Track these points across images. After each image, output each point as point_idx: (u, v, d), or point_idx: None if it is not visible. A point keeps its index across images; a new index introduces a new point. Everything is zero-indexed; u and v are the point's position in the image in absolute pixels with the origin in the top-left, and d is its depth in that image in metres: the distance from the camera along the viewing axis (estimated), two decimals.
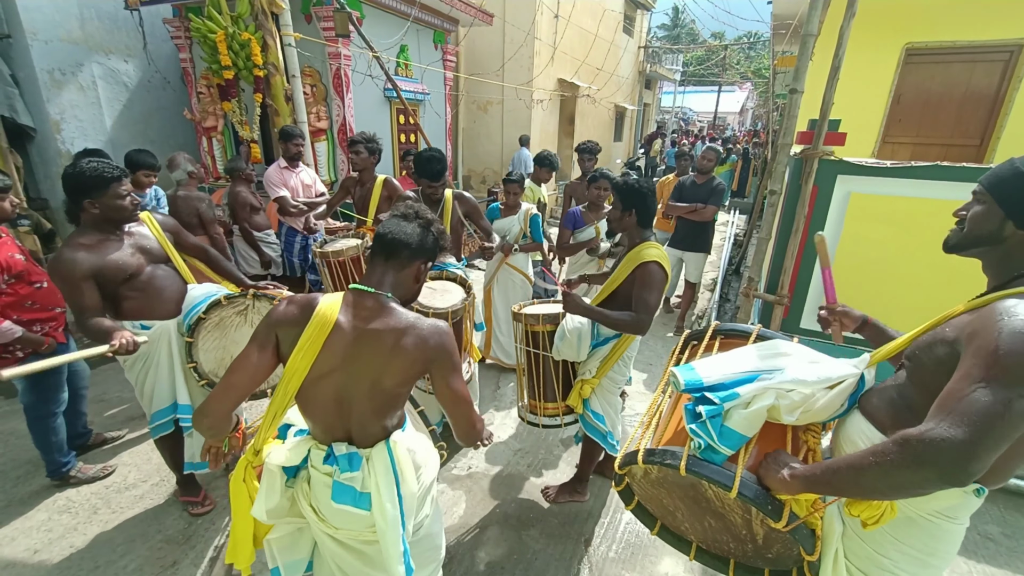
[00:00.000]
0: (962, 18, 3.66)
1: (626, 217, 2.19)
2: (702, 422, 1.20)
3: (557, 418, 2.44)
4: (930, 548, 1.13)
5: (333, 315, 1.26)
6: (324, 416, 1.34)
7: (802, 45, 2.76)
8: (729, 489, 1.14)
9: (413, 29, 6.24)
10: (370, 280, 1.32)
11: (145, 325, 2.13)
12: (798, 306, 3.11)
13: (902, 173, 2.71)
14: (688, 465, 1.20)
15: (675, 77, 21.42)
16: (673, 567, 2.27)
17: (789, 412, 1.19)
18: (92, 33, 5.53)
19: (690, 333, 1.73)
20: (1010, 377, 0.89)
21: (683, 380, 1.27)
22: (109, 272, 2.00)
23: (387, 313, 1.29)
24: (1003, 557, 2.36)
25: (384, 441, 1.36)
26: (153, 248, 2.17)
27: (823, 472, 1.06)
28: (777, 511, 1.13)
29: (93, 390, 3.19)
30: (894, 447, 0.94)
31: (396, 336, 1.26)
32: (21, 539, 2.31)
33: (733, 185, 11.65)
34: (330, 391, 1.29)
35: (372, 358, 1.27)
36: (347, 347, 1.26)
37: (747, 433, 1.20)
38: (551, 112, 9.70)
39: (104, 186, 1.95)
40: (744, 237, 7.36)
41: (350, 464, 1.32)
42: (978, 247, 1.13)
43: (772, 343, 1.37)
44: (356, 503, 1.32)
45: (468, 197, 3.02)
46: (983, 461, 0.89)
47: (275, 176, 3.93)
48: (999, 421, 0.88)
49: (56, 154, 5.45)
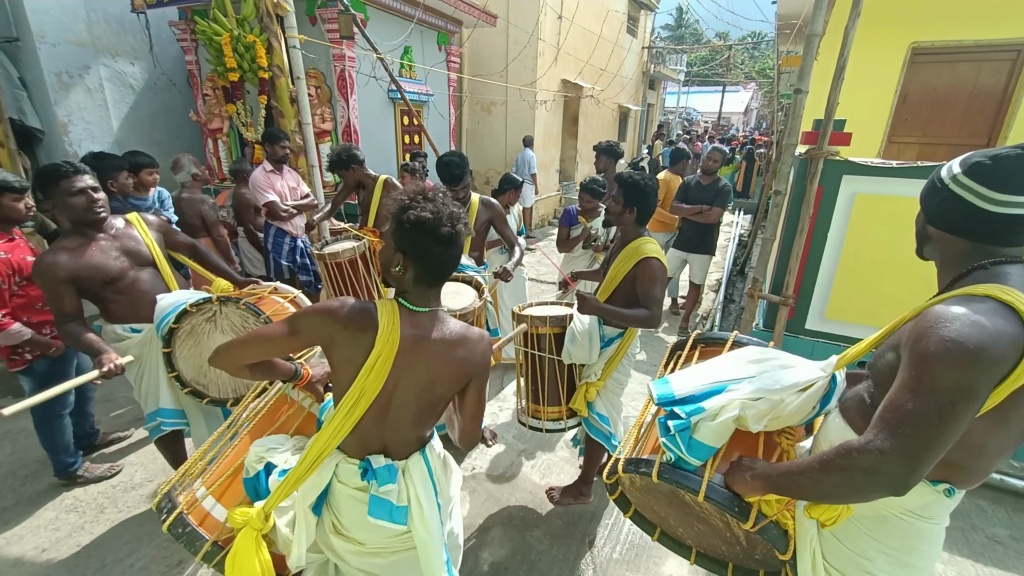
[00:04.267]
0: (968, 17, 3.63)
1: (626, 213, 2.21)
2: (672, 436, 1.24)
3: (560, 422, 2.42)
4: (907, 547, 1.12)
5: (397, 331, 1.21)
6: (367, 427, 1.28)
7: (807, 45, 2.75)
8: (697, 493, 1.19)
9: (417, 30, 6.26)
10: (420, 300, 1.27)
11: (135, 328, 2.13)
12: (803, 307, 3.10)
13: (908, 173, 2.69)
14: (660, 472, 1.25)
15: (679, 77, 21.34)
16: (677, 569, 2.27)
17: (756, 421, 1.22)
18: (99, 36, 5.57)
19: (675, 343, 1.77)
20: (939, 384, 0.91)
21: (656, 394, 1.32)
22: (88, 275, 1.98)
23: (442, 323, 1.28)
24: (1011, 560, 2.34)
25: (420, 451, 1.35)
26: (139, 251, 2.16)
27: (778, 474, 1.10)
28: (744, 512, 1.16)
29: (100, 391, 3.22)
30: (837, 456, 0.98)
31: (450, 346, 1.27)
32: (29, 537, 2.33)
33: (737, 186, 11.63)
34: (381, 403, 1.25)
35: (426, 368, 1.26)
36: (406, 359, 1.23)
37: (715, 444, 1.24)
38: (555, 113, 9.69)
39: (53, 184, 1.92)
40: (749, 238, 7.33)
41: (389, 476, 1.28)
42: (921, 247, 1.21)
43: (745, 351, 1.39)
44: (392, 518, 1.27)
45: (494, 204, 2.98)
46: (919, 471, 0.91)
47: (262, 180, 3.87)
48: (932, 430, 0.90)
49: (64, 156, 5.48)
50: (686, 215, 4.52)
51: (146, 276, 2.16)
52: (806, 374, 1.24)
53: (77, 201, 1.96)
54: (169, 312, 1.99)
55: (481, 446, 3.09)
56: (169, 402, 2.18)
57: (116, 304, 2.10)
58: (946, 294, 1.05)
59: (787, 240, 2.99)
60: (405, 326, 1.23)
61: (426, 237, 1.18)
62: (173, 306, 2.01)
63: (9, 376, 2.83)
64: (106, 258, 2.04)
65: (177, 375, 2.08)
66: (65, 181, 1.93)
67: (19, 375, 2.40)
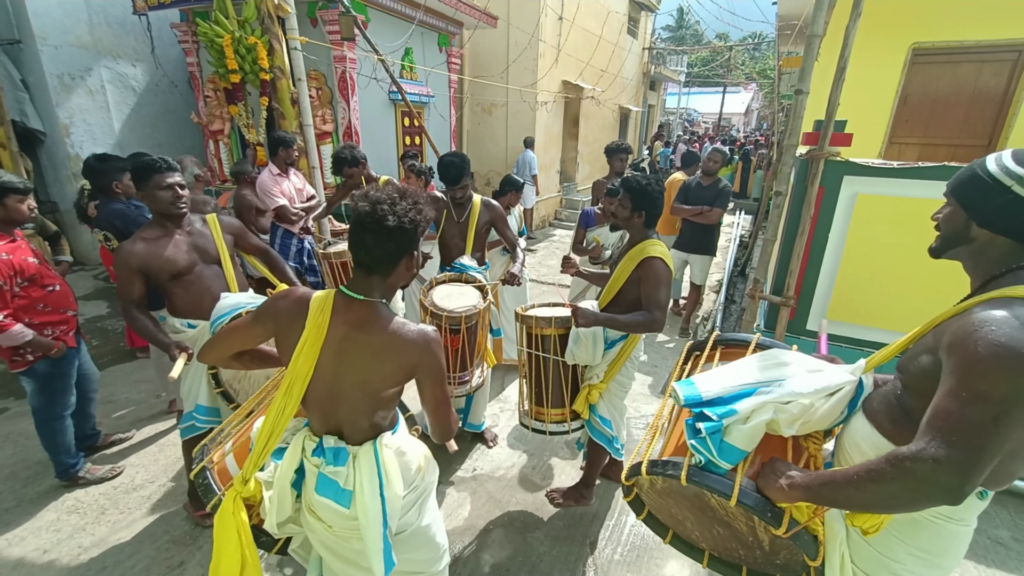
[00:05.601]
0: (969, 18, 3.63)
1: (634, 217, 2.19)
2: (702, 438, 1.21)
3: (564, 424, 2.40)
4: (938, 549, 1.12)
5: (326, 319, 1.27)
6: (319, 407, 1.36)
7: (807, 46, 2.75)
8: (729, 498, 1.15)
9: (418, 32, 6.27)
10: (357, 286, 1.30)
11: (191, 324, 2.18)
12: (804, 308, 3.10)
13: (909, 174, 2.69)
14: (689, 475, 1.21)
15: (680, 78, 21.35)
16: (678, 570, 2.26)
17: (788, 425, 1.20)
18: (101, 38, 5.59)
19: (692, 344, 1.73)
20: (995, 392, 0.89)
21: (683, 395, 1.28)
22: (157, 265, 2.07)
23: (375, 319, 1.29)
24: (1013, 561, 2.33)
25: (372, 441, 1.36)
26: (209, 248, 2.22)
27: (819, 484, 1.06)
28: (777, 518, 1.13)
29: (102, 391, 3.22)
30: (887, 466, 0.95)
31: (383, 342, 1.28)
32: (30, 539, 2.33)
33: (735, 186, 11.65)
34: (323, 388, 1.32)
35: (360, 362, 1.28)
36: (337, 350, 1.28)
37: (746, 448, 1.21)
38: (555, 114, 9.69)
39: (146, 177, 2.05)
40: (750, 239, 7.33)
41: (335, 459, 1.33)
42: (953, 248, 1.14)
43: (771, 353, 1.37)
44: (337, 499, 1.32)
45: (495, 205, 2.98)
46: (975, 479, 0.89)
47: (271, 185, 3.86)
48: (988, 438, 0.88)
49: (65, 158, 5.51)
50: (686, 216, 4.52)
51: (211, 273, 2.22)
52: (835, 378, 1.22)
53: (165, 195, 2.07)
54: (227, 312, 2.02)
55: (482, 447, 3.09)
56: (205, 399, 2.21)
57: (179, 298, 2.16)
58: (981, 296, 1.02)
59: (788, 241, 2.99)
60: (338, 315, 1.28)
61: (352, 219, 1.25)
62: (233, 307, 2.04)
63: (11, 378, 2.84)
64: (177, 252, 2.12)
65: (215, 372, 2.12)
66: (158, 175, 2.04)
67: (21, 376, 2.40)
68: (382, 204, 1.20)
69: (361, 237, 1.23)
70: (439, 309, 2.32)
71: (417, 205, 1.25)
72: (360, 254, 1.26)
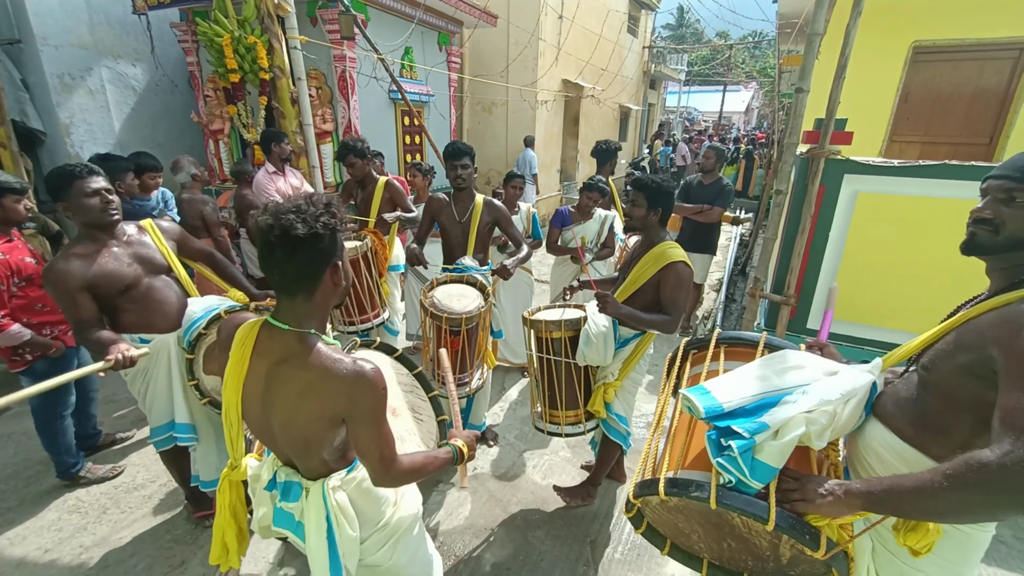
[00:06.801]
0: (970, 16, 3.62)
1: (651, 216, 2.16)
2: (731, 457, 1.11)
3: (580, 425, 2.38)
4: (963, 558, 1.12)
5: (247, 352, 1.16)
6: (262, 440, 1.29)
7: (808, 44, 2.75)
8: (765, 522, 1.07)
9: (418, 31, 6.26)
10: (281, 314, 1.15)
11: (144, 339, 2.03)
12: (804, 306, 3.09)
13: (910, 172, 2.69)
14: (719, 499, 1.12)
15: (680, 77, 21.32)
16: (679, 569, 2.26)
17: (819, 437, 1.13)
18: (101, 38, 5.59)
19: (689, 341, 1.66)
20: None
21: (702, 407, 1.16)
22: (103, 283, 1.91)
23: (302, 352, 1.12)
24: (1015, 560, 2.33)
25: (323, 481, 1.24)
26: (153, 257, 2.07)
27: (885, 493, 1.00)
28: (815, 540, 1.07)
29: (103, 391, 3.23)
30: (970, 472, 0.88)
31: (308, 380, 1.11)
32: (32, 538, 2.34)
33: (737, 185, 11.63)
34: (255, 424, 1.25)
35: (286, 399, 1.14)
36: (265, 386, 1.17)
37: (778, 465, 1.12)
38: (556, 113, 9.68)
39: (67, 186, 1.85)
40: (750, 237, 7.32)
41: (286, 494, 1.26)
42: (998, 250, 1.06)
43: (782, 355, 1.29)
44: (295, 531, 1.28)
45: (498, 205, 2.95)
46: None
47: (266, 183, 3.86)
48: None
49: (66, 158, 5.50)
50: (687, 214, 4.52)
51: (160, 284, 2.07)
52: (856, 380, 1.17)
53: (92, 202, 1.89)
54: (201, 316, 1.91)
55: (483, 447, 3.09)
56: (184, 417, 2.12)
57: (129, 313, 2.01)
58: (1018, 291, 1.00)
59: (788, 239, 2.99)
60: (261, 346, 1.16)
61: (258, 240, 1.09)
62: (205, 311, 1.93)
63: (11, 378, 2.84)
64: (120, 265, 1.96)
65: (197, 384, 2.01)
66: (79, 182, 1.86)
67: (20, 376, 2.40)
68: (286, 213, 1.04)
69: (270, 256, 1.07)
70: (439, 310, 2.31)
71: (329, 208, 1.09)
72: (274, 276, 1.10)
